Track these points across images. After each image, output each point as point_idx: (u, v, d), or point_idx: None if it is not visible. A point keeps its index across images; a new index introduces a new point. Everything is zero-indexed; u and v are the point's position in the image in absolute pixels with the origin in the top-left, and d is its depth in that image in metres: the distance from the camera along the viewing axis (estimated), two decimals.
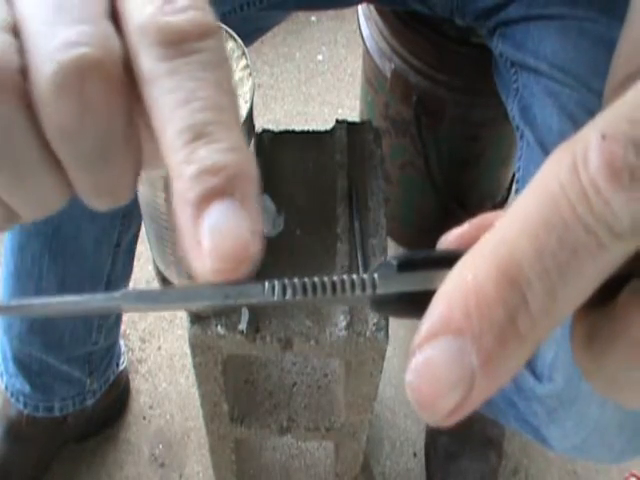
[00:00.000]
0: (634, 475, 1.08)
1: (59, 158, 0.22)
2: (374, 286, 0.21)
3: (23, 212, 0.24)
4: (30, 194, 0.23)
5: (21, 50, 0.21)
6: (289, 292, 0.21)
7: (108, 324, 0.93)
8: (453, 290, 0.18)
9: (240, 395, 0.83)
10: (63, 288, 0.83)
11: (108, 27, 0.22)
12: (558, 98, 0.65)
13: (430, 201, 1.14)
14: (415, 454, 1.13)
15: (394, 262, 0.21)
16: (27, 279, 0.83)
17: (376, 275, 0.21)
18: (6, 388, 0.98)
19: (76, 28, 0.21)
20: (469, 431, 1.09)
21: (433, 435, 1.11)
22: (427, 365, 0.18)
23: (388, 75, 0.97)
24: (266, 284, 0.21)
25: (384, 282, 0.21)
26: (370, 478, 1.09)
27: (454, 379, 0.18)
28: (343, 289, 0.21)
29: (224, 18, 0.68)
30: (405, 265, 0.21)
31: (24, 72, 0.21)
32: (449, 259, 0.20)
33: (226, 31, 0.53)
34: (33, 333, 0.88)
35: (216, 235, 0.20)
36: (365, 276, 0.21)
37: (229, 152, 0.21)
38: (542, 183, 0.18)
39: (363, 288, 0.21)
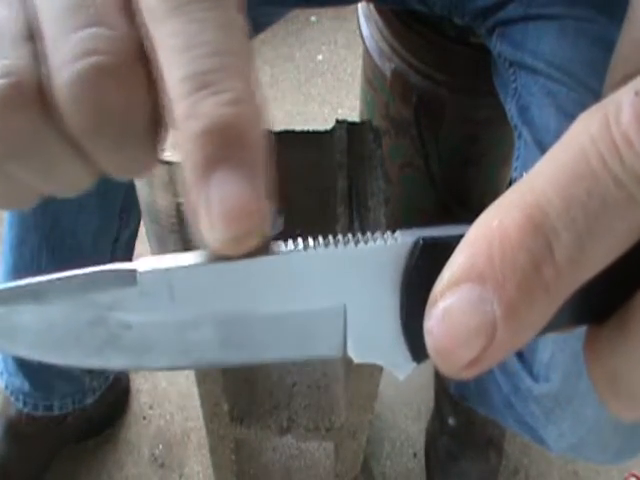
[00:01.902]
0: (634, 475, 1.08)
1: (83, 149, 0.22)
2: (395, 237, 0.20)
3: (57, 194, 0.24)
4: (61, 180, 0.24)
5: (41, 54, 0.21)
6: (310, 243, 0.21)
7: None
8: (477, 236, 0.18)
9: (240, 395, 0.83)
10: None
11: (121, 20, 0.21)
12: (556, 98, 0.64)
13: (430, 201, 1.14)
14: (415, 454, 1.13)
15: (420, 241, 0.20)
16: (26, 274, 0.83)
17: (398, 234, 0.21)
18: (6, 387, 0.98)
19: (89, 31, 0.21)
20: (469, 431, 1.09)
21: (433, 435, 1.11)
22: (447, 313, 0.17)
23: (388, 75, 0.97)
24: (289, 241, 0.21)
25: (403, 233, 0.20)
26: (370, 478, 1.09)
27: (474, 327, 0.17)
28: (365, 241, 0.21)
29: None
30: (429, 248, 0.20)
31: (46, 78, 0.21)
32: None
33: None
34: None
35: (220, 204, 0.19)
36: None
37: (234, 105, 0.20)
38: (572, 137, 0.17)
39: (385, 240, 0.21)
